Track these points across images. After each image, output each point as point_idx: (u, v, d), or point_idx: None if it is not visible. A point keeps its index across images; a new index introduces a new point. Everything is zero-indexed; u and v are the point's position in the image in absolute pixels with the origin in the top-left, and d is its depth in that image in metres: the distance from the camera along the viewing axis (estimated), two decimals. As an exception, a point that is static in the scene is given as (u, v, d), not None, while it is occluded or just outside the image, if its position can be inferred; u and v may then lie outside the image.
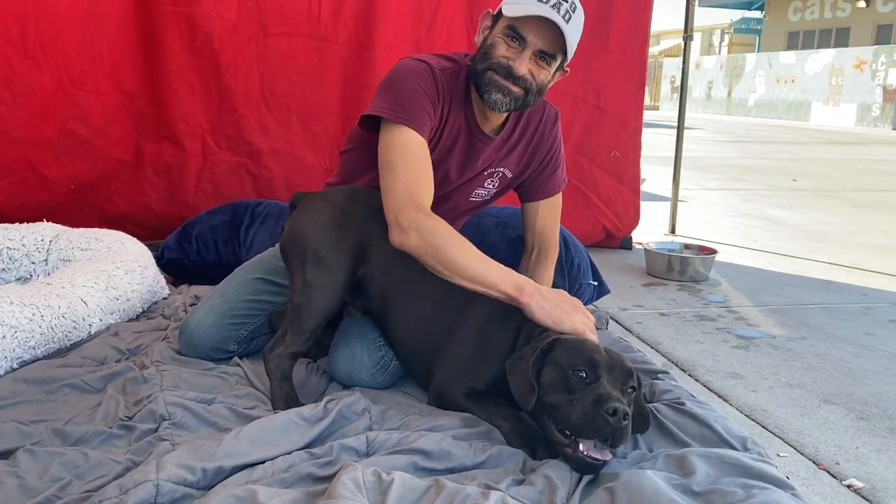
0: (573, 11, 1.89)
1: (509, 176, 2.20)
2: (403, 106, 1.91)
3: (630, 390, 1.63)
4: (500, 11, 1.94)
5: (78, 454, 1.59)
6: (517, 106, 1.99)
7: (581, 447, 1.55)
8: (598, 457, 1.54)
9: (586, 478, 1.55)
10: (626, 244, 4.37)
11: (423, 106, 1.93)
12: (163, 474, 1.42)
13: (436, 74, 1.98)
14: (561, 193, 2.29)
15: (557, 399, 1.59)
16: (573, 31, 1.91)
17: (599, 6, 3.96)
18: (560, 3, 1.86)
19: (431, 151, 2.03)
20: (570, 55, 1.95)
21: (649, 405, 1.81)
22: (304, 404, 1.81)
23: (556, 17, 1.85)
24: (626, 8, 4.02)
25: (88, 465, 1.55)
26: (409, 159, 1.89)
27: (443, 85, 1.99)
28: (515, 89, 1.94)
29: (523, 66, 1.92)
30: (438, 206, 2.16)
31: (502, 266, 1.84)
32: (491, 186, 2.21)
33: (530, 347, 1.70)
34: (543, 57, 1.93)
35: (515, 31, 1.90)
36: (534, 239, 2.28)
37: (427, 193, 1.90)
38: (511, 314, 1.84)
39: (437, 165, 2.07)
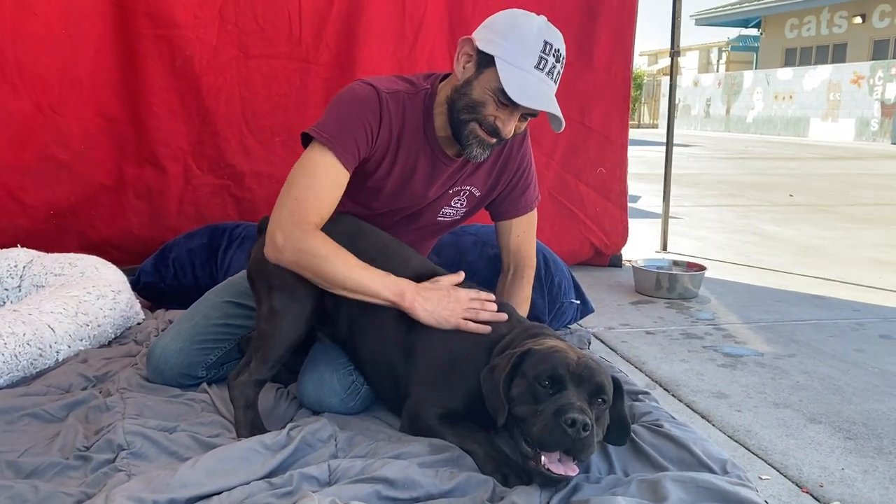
0: (562, 68, 1.88)
1: (477, 195, 2.15)
2: (332, 130, 1.88)
3: (600, 402, 1.58)
4: (490, 59, 1.82)
5: (28, 487, 1.53)
6: (491, 152, 2.00)
7: (543, 460, 1.50)
8: (561, 472, 1.49)
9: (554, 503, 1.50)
10: (616, 262, 4.31)
11: (352, 134, 1.89)
12: (111, 508, 1.37)
13: (382, 99, 1.92)
14: (535, 211, 2.24)
15: (524, 411, 1.56)
16: (557, 86, 1.90)
17: (583, 26, 3.95)
18: (554, 66, 1.84)
19: (387, 175, 2.01)
20: None
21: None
22: (269, 432, 1.75)
23: (549, 91, 1.84)
24: (610, 28, 4.00)
25: (38, 498, 1.50)
26: (312, 178, 1.86)
27: (390, 110, 1.93)
28: (494, 141, 1.93)
29: (511, 128, 1.90)
30: (406, 226, 2.13)
31: (381, 272, 1.85)
32: (459, 205, 2.16)
33: (504, 358, 1.66)
34: (528, 113, 1.91)
35: (507, 97, 1.81)
36: (509, 257, 2.24)
37: (316, 214, 1.85)
38: None
39: (401, 188, 2.04)
